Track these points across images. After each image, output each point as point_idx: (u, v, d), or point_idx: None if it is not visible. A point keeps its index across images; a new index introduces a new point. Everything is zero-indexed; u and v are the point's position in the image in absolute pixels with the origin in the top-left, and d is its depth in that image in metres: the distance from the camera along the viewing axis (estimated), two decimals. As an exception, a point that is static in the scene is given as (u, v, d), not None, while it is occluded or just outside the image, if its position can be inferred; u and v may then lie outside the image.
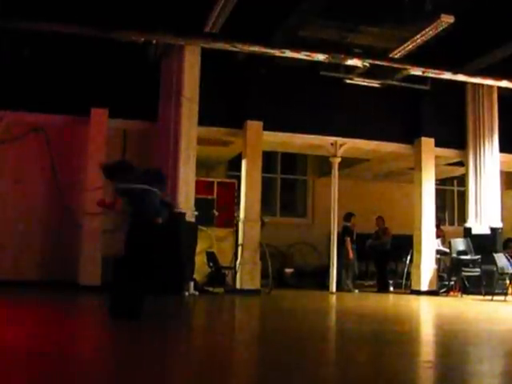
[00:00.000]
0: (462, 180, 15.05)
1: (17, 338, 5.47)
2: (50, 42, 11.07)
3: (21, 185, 11.80)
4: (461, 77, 12.24)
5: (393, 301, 12.75)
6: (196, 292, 11.36)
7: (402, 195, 16.09)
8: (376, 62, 11.70)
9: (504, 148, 13.93)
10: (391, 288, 14.32)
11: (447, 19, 9.62)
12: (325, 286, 13.46)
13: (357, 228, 14.27)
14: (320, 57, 11.28)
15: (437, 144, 13.82)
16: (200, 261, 11.98)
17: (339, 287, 13.34)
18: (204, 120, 11.80)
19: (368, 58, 11.63)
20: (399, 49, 10.99)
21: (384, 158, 15.07)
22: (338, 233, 13.57)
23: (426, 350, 5.95)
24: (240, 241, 12.46)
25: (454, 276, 13.59)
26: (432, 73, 11.99)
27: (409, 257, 13.98)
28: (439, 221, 15.32)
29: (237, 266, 12.39)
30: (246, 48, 10.94)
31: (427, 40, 10.38)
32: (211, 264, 12.36)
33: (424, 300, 12.45)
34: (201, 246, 12.03)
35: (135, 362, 4.58)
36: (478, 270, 12.96)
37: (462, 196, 15.72)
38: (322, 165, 16.12)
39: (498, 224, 13.59)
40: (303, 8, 10.05)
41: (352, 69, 12.27)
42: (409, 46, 10.77)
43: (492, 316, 9.61)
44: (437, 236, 14.01)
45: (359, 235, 14.34)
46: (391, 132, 13.72)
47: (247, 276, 12.18)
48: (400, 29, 10.89)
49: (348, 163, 14.81)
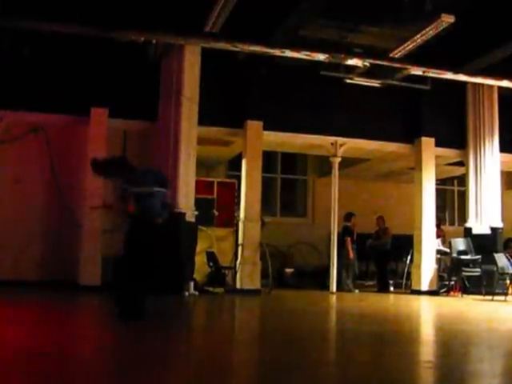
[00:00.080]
0: (463, 180, 15.04)
1: (17, 338, 5.46)
2: (50, 42, 11.06)
3: (21, 185, 11.80)
4: (461, 76, 12.24)
5: (393, 301, 12.73)
6: (196, 292, 11.35)
7: (403, 195, 16.09)
8: (376, 62, 11.69)
9: (504, 148, 13.93)
10: (391, 288, 14.30)
11: (447, 19, 9.62)
12: (325, 286, 13.46)
13: (357, 228, 14.26)
14: (320, 56, 11.28)
15: (437, 144, 13.82)
16: (200, 261, 11.98)
17: (339, 287, 13.34)
18: (204, 120, 11.80)
19: (368, 58, 11.62)
20: (399, 48, 10.99)
21: (384, 158, 15.06)
22: (339, 233, 13.56)
23: (427, 350, 5.95)
24: (240, 241, 12.46)
25: (455, 276, 13.58)
26: (432, 72, 11.99)
27: (409, 257, 13.96)
28: (439, 221, 15.32)
29: (237, 266, 12.38)
30: (247, 48, 10.93)
31: (427, 40, 10.38)
32: (211, 264, 12.35)
33: (424, 300, 12.44)
34: (201, 246, 12.03)
35: (135, 362, 4.58)
36: (479, 270, 12.95)
37: (463, 196, 15.72)
38: (323, 165, 16.12)
39: (499, 224, 13.59)
40: (303, 8, 10.06)
41: (352, 68, 12.27)
42: (409, 46, 10.77)
43: (492, 316, 9.60)
44: (437, 236, 14.00)
45: (359, 235, 14.33)
46: (391, 132, 13.71)
47: (247, 276, 12.18)
48: (400, 28, 10.89)
49: (348, 163, 14.79)
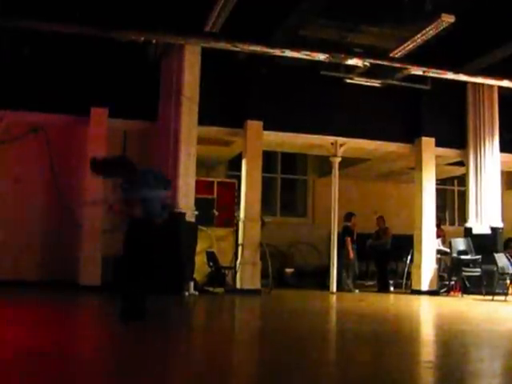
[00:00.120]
0: (463, 180, 15.03)
1: (17, 338, 5.46)
2: (50, 42, 11.05)
3: (21, 184, 11.79)
4: (462, 76, 12.24)
5: (393, 301, 12.73)
6: (196, 292, 11.34)
7: (403, 195, 16.08)
8: (376, 62, 11.69)
9: (504, 148, 13.92)
10: (391, 288, 14.29)
11: (448, 19, 9.62)
12: (325, 286, 13.45)
13: (357, 228, 14.25)
14: (320, 56, 11.27)
15: (437, 144, 13.81)
16: (200, 261, 11.97)
17: (339, 287, 13.33)
18: (204, 120, 11.79)
19: (368, 58, 11.61)
20: (399, 48, 10.99)
21: (384, 158, 15.06)
22: (339, 233, 13.55)
23: (427, 350, 5.95)
24: (240, 241, 12.45)
25: (455, 276, 13.57)
26: (432, 72, 11.99)
27: (409, 257, 13.95)
28: (440, 220, 15.30)
29: (237, 266, 12.38)
30: (247, 48, 10.92)
31: (428, 40, 10.38)
32: (211, 264, 12.35)
33: (424, 300, 12.44)
34: (201, 246, 12.03)
35: (135, 362, 4.58)
36: (479, 270, 12.94)
37: (463, 196, 15.71)
38: (323, 164, 16.11)
39: (499, 224, 13.58)
40: (303, 7, 10.05)
41: (352, 68, 12.26)
42: (409, 46, 10.77)
43: (492, 316, 9.60)
44: (437, 236, 13.99)
45: (359, 235, 14.32)
46: (392, 132, 13.70)
47: (247, 276, 12.17)
48: (400, 28, 10.89)
49: (348, 163, 14.79)
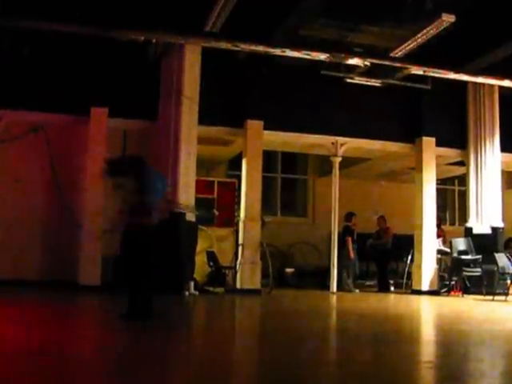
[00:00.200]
0: (463, 179, 15.01)
1: (17, 338, 5.45)
2: (50, 41, 11.05)
3: (21, 184, 11.78)
4: (462, 76, 12.22)
5: (394, 301, 12.72)
6: (196, 292, 11.33)
7: (403, 195, 16.06)
8: (377, 62, 11.67)
9: (505, 147, 13.91)
10: (392, 288, 14.29)
11: (448, 18, 9.60)
12: (325, 286, 13.44)
13: (357, 228, 14.25)
14: (321, 56, 11.26)
15: (438, 143, 13.79)
16: (200, 260, 11.97)
17: (340, 287, 13.32)
18: (204, 119, 11.78)
19: (369, 58, 11.60)
20: (400, 48, 10.97)
21: (385, 158, 15.04)
22: (339, 232, 13.54)
23: (427, 350, 5.93)
24: (240, 240, 12.44)
25: (455, 276, 13.56)
26: (433, 72, 11.97)
27: (410, 256, 13.94)
28: (440, 220, 15.27)
29: (237, 266, 12.37)
30: (247, 47, 10.91)
31: (428, 39, 10.36)
32: (211, 264, 12.34)
33: (425, 300, 12.43)
34: (201, 246, 12.02)
35: (135, 362, 4.57)
36: (479, 270, 12.92)
37: (463, 196, 15.70)
38: (323, 164, 16.10)
39: (499, 224, 13.57)
40: (303, 7, 10.04)
41: (353, 68, 12.25)
42: (410, 46, 10.75)
43: (493, 316, 9.58)
44: (438, 236, 13.97)
45: (360, 235, 14.31)
46: (392, 131, 13.69)
47: (247, 276, 12.16)
48: (401, 28, 10.88)
49: (349, 163, 14.78)
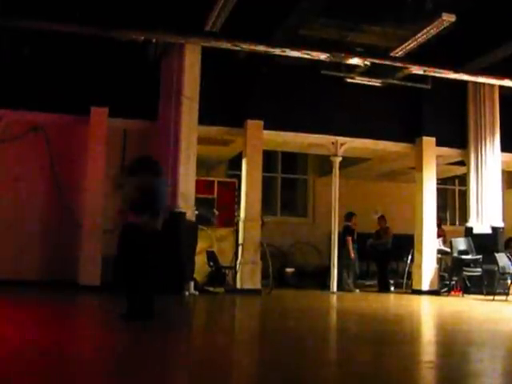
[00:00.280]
0: (464, 179, 15.01)
1: (17, 338, 5.45)
2: (50, 41, 11.04)
3: (20, 184, 11.78)
4: (463, 76, 12.21)
5: (394, 301, 12.71)
6: (196, 292, 11.32)
7: (403, 195, 16.05)
8: (377, 61, 11.66)
9: (505, 147, 13.90)
10: (392, 288, 14.28)
11: (448, 18, 9.59)
12: (326, 286, 13.43)
13: (358, 227, 14.24)
14: (321, 56, 11.24)
15: (438, 143, 13.79)
16: (200, 260, 11.96)
17: (340, 287, 13.31)
18: (204, 119, 11.77)
19: (369, 57, 11.59)
20: (400, 48, 10.96)
21: (385, 158, 15.04)
22: (339, 232, 13.54)
23: (427, 350, 5.93)
24: (240, 240, 12.44)
25: (455, 276, 13.56)
26: (433, 72, 11.96)
27: (410, 256, 13.93)
28: (440, 220, 15.27)
29: (237, 266, 12.36)
30: (247, 47, 10.90)
31: (428, 39, 10.34)
32: (211, 263, 12.34)
33: (425, 300, 12.42)
34: (201, 246, 12.01)
35: (135, 362, 4.56)
36: (480, 270, 12.92)
37: (464, 195, 15.69)
38: (323, 164, 16.09)
39: (500, 223, 13.56)
40: (303, 7, 10.02)
41: (353, 68, 12.24)
42: (410, 45, 10.73)
43: (493, 316, 9.58)
44: (438, 235, 13.97)
45: (360, 235, 14.30)
46: (392, 131, 13.68)
47: (248, 276, 12.15)
48: (401, 28, 10.87)
49: (349, 162, 14.77)
